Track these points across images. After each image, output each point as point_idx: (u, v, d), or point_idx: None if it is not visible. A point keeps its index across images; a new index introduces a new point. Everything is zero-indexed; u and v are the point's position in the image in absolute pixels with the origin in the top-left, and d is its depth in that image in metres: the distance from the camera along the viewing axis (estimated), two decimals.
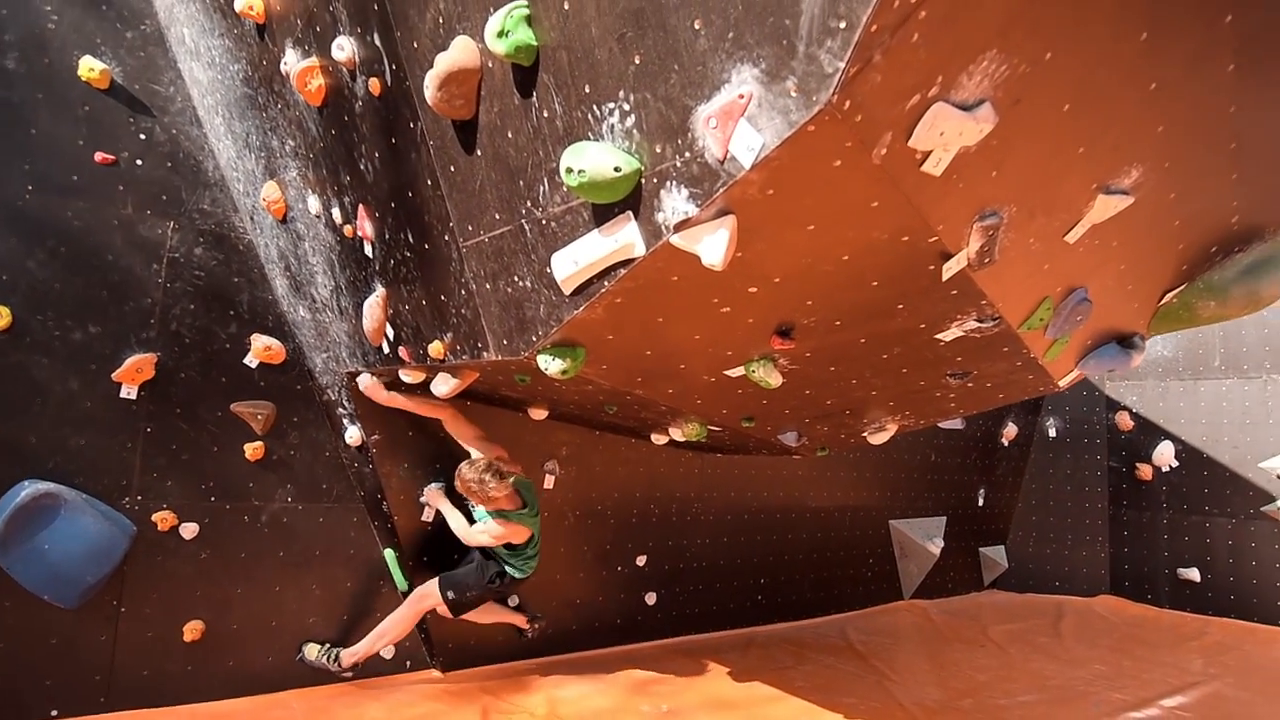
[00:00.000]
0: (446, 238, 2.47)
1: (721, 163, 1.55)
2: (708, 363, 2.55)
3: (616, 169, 1.71)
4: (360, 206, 2.89)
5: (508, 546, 3.69)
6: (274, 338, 3.71)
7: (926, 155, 1.56)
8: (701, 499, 5.05)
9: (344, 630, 3.86)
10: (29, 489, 3.11)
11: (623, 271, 1.89)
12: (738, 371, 2.59)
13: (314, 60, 2.75)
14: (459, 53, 2.05)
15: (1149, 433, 6.56)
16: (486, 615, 3.97)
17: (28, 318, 3.18)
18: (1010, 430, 6.72)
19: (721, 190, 1.57)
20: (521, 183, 2.07)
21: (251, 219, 3.66)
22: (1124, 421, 6.64)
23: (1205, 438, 6.29)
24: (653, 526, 4.85)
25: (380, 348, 3.15)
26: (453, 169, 2.32)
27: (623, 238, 1.82)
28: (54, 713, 3.16)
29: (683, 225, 1.69)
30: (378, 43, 2.41)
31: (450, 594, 3.67)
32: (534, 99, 1.94)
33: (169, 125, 3.55)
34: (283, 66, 2.92)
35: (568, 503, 4.40)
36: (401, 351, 3.02)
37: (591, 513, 4.55)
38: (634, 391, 2.79)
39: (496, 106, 2.06)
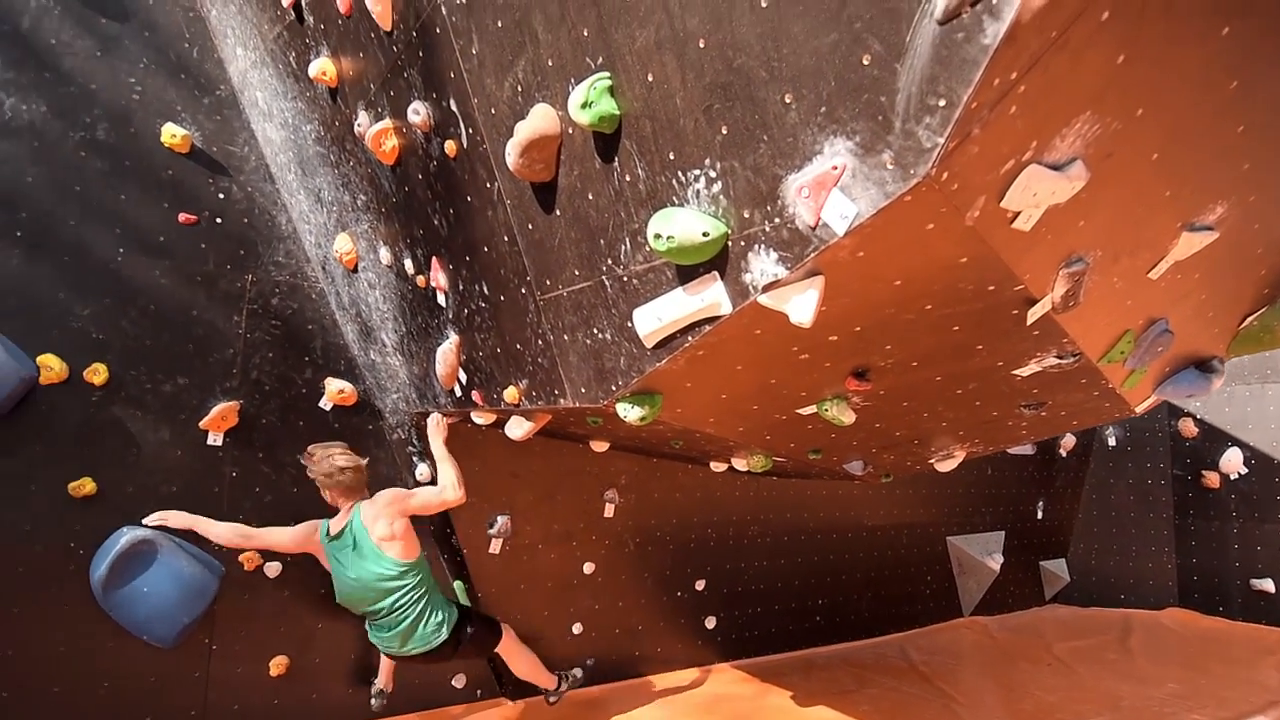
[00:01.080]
0: (523, 290, 2.55)
1: (813, 229, 1.60)
2: (781, 403, 2.59)
3: (705, 234, 1.77)
4: (433, 258, 2.99)
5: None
6: (346, 381, 3.84)
7: (1017, 214, 1.59)
8: (758, 521, 5.07)
9: (417, 663, 3.95)
10: (128, 535, 3.27)
11: (707, 328, 1.94)
12: (810, 410, 2.62)
13: (388, 123, 2.86)
14: (539, 120, 2.13)
15: (1215, 439, 6.39)
16: (523, 669, 3.74)
17: (122, 373, 3.35)
18: (1068, 441, 6.60)
19: (813, 255, 1.62)
20: (602, 241, 2.14)
21: (323, 269, 3.80)
22: (1187, 428, 6.47)
23: (1276, 443, 6.11)
24: (711, 551, 4.88)
25: (453, 390, 3.25)
26: (530, 227, 2.40)
27: (709, 297, 1.87)
28: None
29: (771, 286, 1.74)
30: (454, 108, 2.50)
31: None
32: (616, 164, 2.01)
33: (245, 183, 3.71)
34: (356, 127, 3.05)
35: (627, 530, 4.46)
36: (475, 395, 3.11)
37: (651, 539, 4.60)
38: (704, 430, 2.83)
39: (577, 170, 2.14)
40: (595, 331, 2.30)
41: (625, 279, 2.11)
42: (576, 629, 4.24)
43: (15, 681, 3.07)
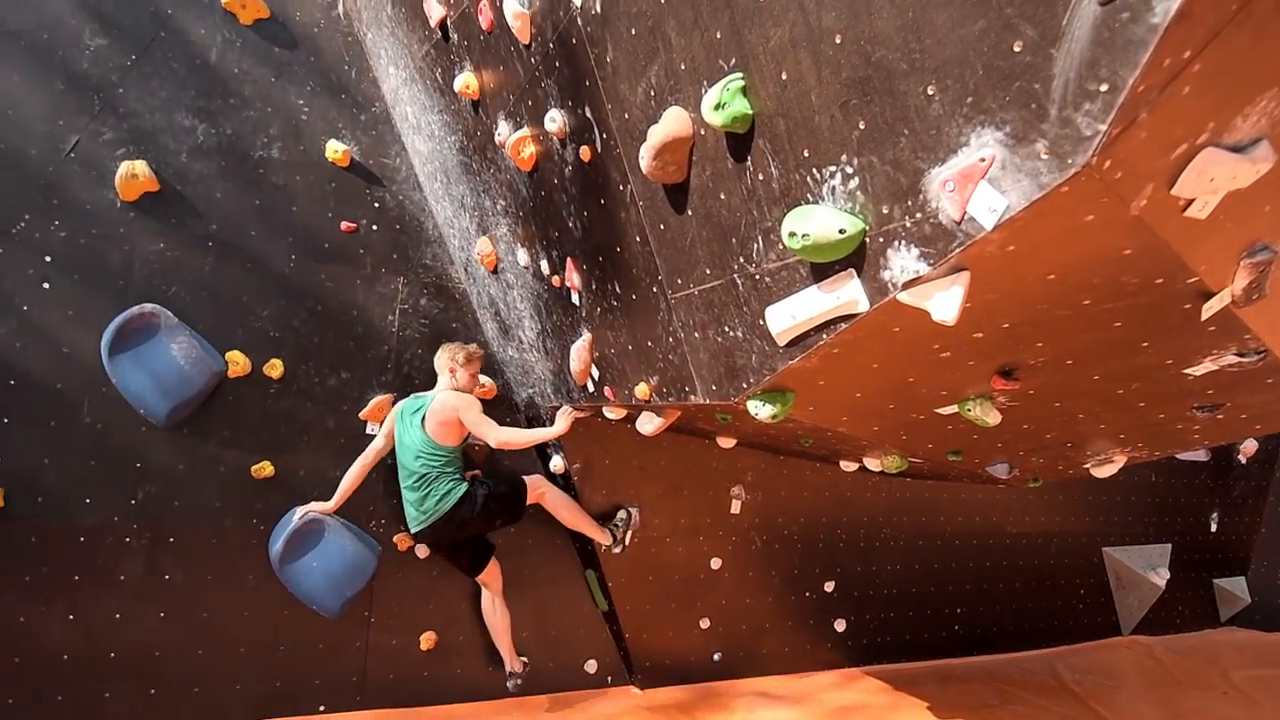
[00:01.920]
0: (655, 289, 2.61)
1: (958, 223, 1.54)
2: (919, 402, 2.50)
3: (841, 231, 1.75)
4: (568, 259, 3.12)
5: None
6: (486, 375, 4.07)
7: (1190, 201, 1.46)
8: (890, 524, 4.90)
9: (552, 644, 4.14)
10: (301, 511, 3.64)
11: (843, 326, 1.92)
12: (950, 409, 2.52)
13: (526, 131, 3.01)
14: (672, 123, 2.18)
15: None
16: (571, 522, 3.91)
17: (295, 368, 3.72)
18: (1249, 446, 5.91)
19: (958, 251, 1.56)
20: (734, 240, 2.16)
21: (466, 270, 4.05)
22: None
23: None
24: (840, 551, 4.77)
25: (585, 386, 3.37)
26: (662, 227, 2.45)
27: (845, 295, 1.84)
28: (321, 708, 3.65)
29: (912, 283, 1.69)
30: (589, 115, 2.60)
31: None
32: (748, 163, 2.02)
33: (396, 192, 4.02)
34: (496, 136, 3.22)
35: (754, 527, 4.44)
36: (606, 391, 3.21)
37: (778, 537, 4.56)
38: (837, 429, 2.78)
39: (709, 170, 2.16)
40: (726, 329, 2.32)
41: (757, 277, 2.12)
42: (704, 624, 4.29)
43: (211, 639, 3.50)
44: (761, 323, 2.15)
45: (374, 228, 3.95)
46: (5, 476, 3.20)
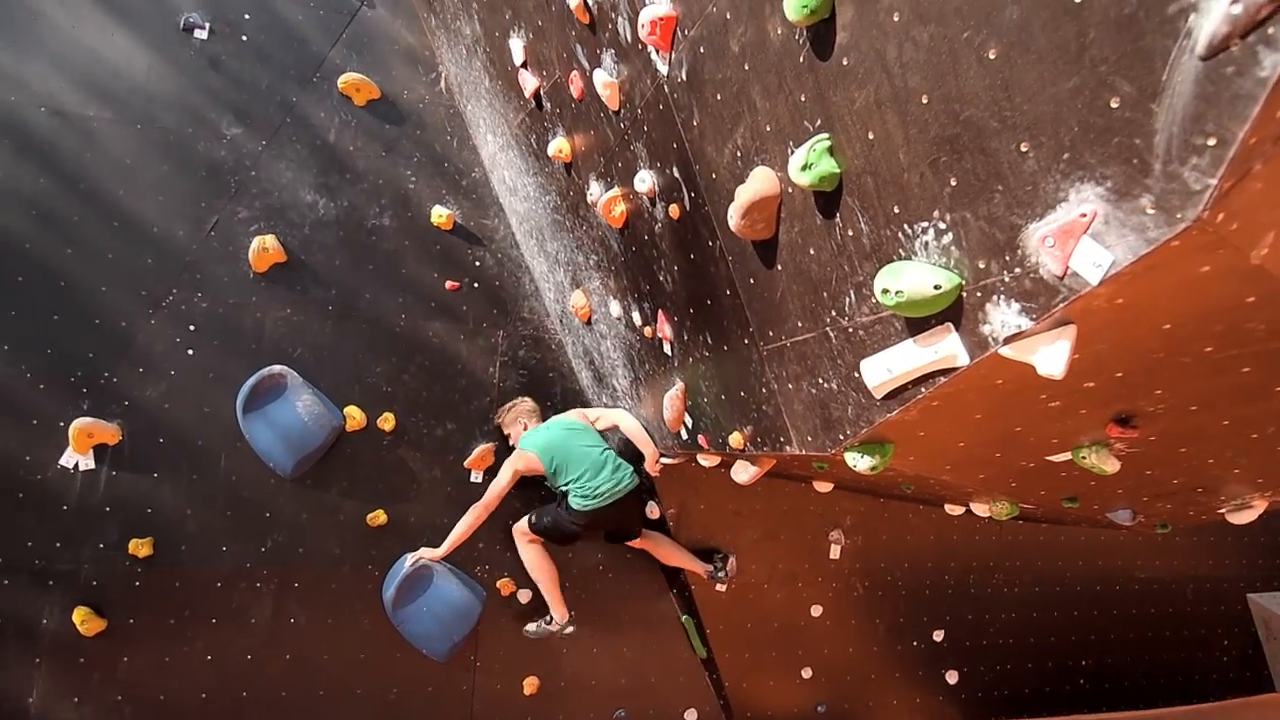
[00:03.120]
0: (746, 341, 2.65)
1: (1061, 278, 1.51)
2: (1028, 451, 2.41)
3: (937, 287, 1.73)
4: (659, 311, 3.20)
5: (562, 481, 3.72)
6: None
7: None
8: (1003, 569, 4.66)
9: (651, 691, 4.14)
10: (412, 559, 3.82)
11: (942, 379, 1.89)
12: (1063, 457, 2.41)
13: (616, 191, 3.13)
14: (759, 183, 2.23)
15: None
16: (669, 557, 3.99)
17: (405, 420, 3.94)
18: None
19: (1062, 305, 1.53)
20: (825, 294, 2.17)
21: (561, 322, 4.21)
22: None
23: None
24: (948, 599, 4.57)
25: (679, 433, 3.41)
26: (752, 281, 2.49)
27: (943, 349, 1.82)
28: None
29: (1015, 338, 1.66)
30: (677, 175, 2.69)
31: (532, 518, 3.83)
32: (838, 219, 2.04)
33: (495, 251, 4.24)
34: (588, 196, 3.37)
35: (855, 573, 4.33)
36: (700, 439, 3.24)
37: (880, 583, 4.42)
38: (940, 478, 2.71)
39: (797, 227, 2.20)
40: (820, 381, 2.32)
41: (850, 330, 2.12)
42: (806, 673, 4.19)
43: (331, 681, 3.70)
44: (857, 375, 2.14)
45: (475, 285, 4.17)
46: (154, 526, 3.54)
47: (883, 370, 2.02)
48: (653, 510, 4.11)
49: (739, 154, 2.33)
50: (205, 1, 3.89)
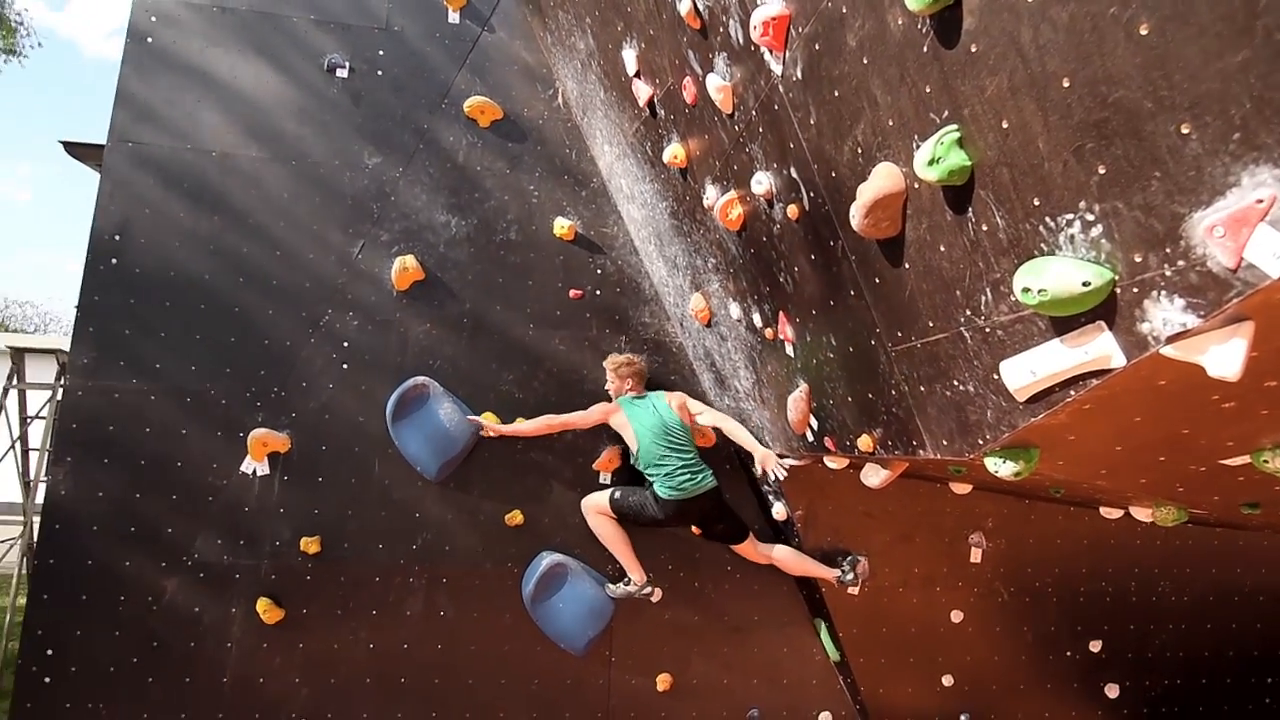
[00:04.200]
0: (873, 342, 2.57)
1: (1234, 271, 1.37)
2: (1198, 454, 2.19)
3: (1086, 284, 1.62)
4: (780, 312, 3.16)
5: (645, 465, 3.79)
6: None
7: None
8: (1170, 576, 4.25)
9: (784, 692, 4.11)
10: (548, 558, 3.98)
11: (1094, 381, 1.76)
12: (1240, 461, 2.17)
13: (733, 194, 3.13)
14: (882, 180, 2.16)
15: None
16: (795, 569, 3.97)
17: None
18: None
19: (1235, 300, 1.38)
20: (958, 293, 2.07)
21: (681, 325, 4.24)
22: None
23: None
24: (1106, 607, 4.23)
25: (804, 436, 3.36)
26: (878, 281, 2.42)
27: (1095, 349, 1.69)
28: None
29: (1179, 337, 1.52)
30: (794, 176, 2.65)
31: (615, 494, 3.86)
32: (970, 214, 1.94)
33: (615, 258, 4.33)
34: (704, 200, 3.38)
35: (999, 578, 4.09)
36: (827, 441, 3.18)
37: (1028, 590, 4.15)
38: (1094, 483, 2.51)
39: (925, 224, 2.11)
40: (955, 383, 2.22)
41: (987, 330, 2.01)
42: (947, 680, 4.01)
43: (478, 670, 3.93)
44: (996, 377, 2.03)
45: (597, 292, 4.29)
46: (321, 526, 3.89)
47: (1025, 372, 1.91)
48: (779, 512, 4.06)
49: (860, 151, 2.26)
50: (345, 42, 4.23)
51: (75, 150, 5.66)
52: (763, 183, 2.86)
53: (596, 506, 3.92)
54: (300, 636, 3.81)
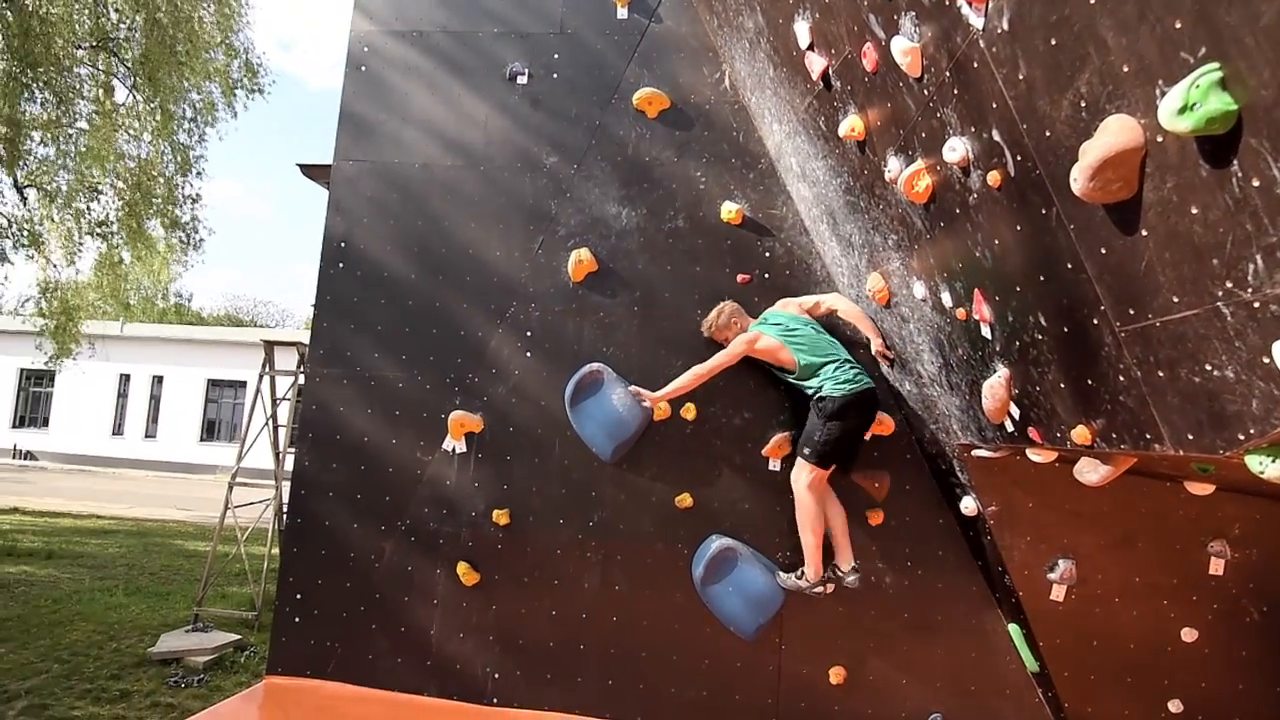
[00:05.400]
0: (1095, 321, 2.27)
1: None
2: None
3: None
4: (975, 290, 2.90)
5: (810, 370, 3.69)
6: (883, 412, 3.98)
7: None
8: None
9: (971, 700, 3.83)
10: (718, 542, 3.97)
11: None
12: None
13: (920, 164, 2.90)
14: (1114, 135, 1.89)
15: None
16: (831, 521, 3.79)
17: (705, 410, 4.11)
18: None
19: None
20: (1216, 262, 1.77)
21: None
22: None
23: None
24: None
25: (1002, 425, 3.07)
26: (1104, 251, 2.13)
27: None
28: None
29: None
30: (997, 138, 2.40)
31: (806, 451, 3.64)
32: (1235, 168, 1.64)
33: (784, 240, 4.20)
34: (886, 174, 3.16)
35: (1246, 594, 3.53)
36: (1031, 432, 2.88)
37: None
38: None
39: (1171, 182, 1.82)
40: (1208, 367, 1.90)
41: (1256, 305, 1.70)
42: (1174, 706, 3.55)
43: (649, 645, 4.02)
44: (1266, 361, 1.71)
45: (766, 276, 4.18)
46: (510, 500, 4.17)
47: None
48: (969, 507, 3.76)
49: (1083, 105, 2.00)
50: (524, 50, 4.44)
51: (308, 171, 6.43)
52: (957, 149, 2.62)
53: (806, 475, 3.68)
54: (493, 599, 4.15)
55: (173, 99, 12.23)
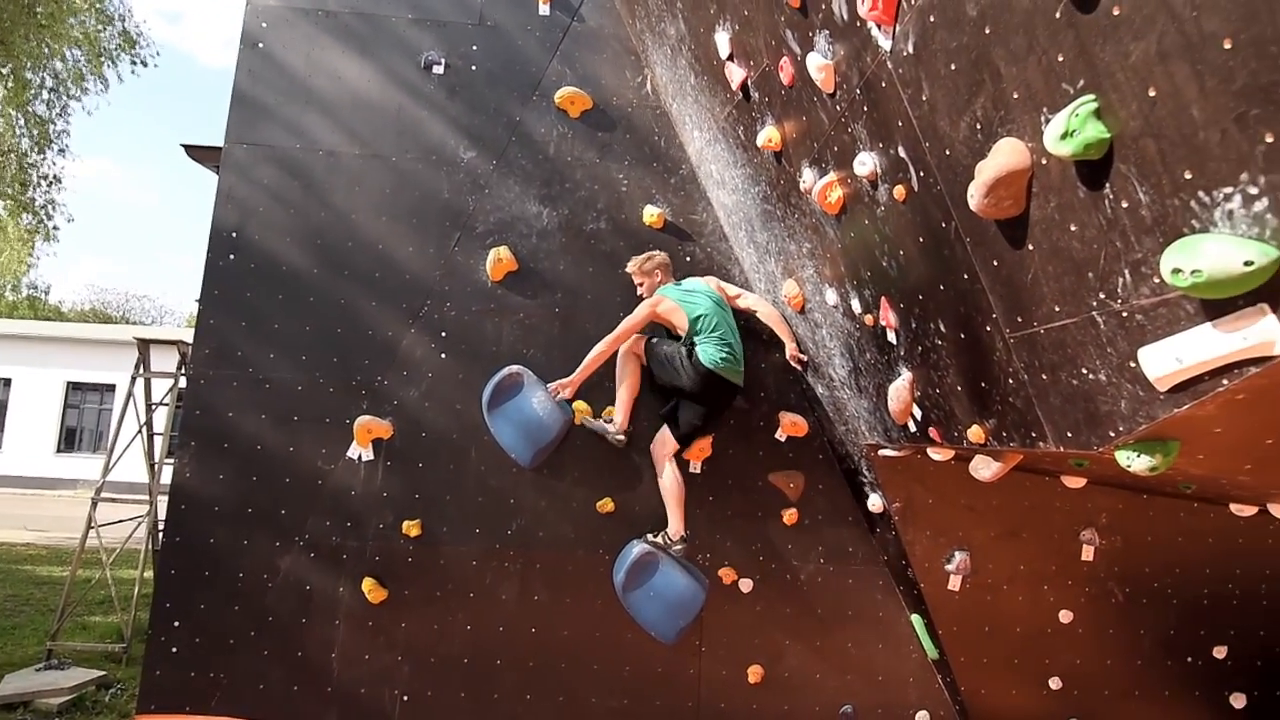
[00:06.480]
0: (988, 328, 2.45)
1: None
2: None
3: (1248, 263, 1.48)
4: (882, 298, 3.06)
5: (698, 331, 3.81)
6: (797, 414, 4.13)
7: None
8: None
9: (879, 689, 4.01)
10: (639, 547, 4.00)
11: (1252, 370, 1.62)
12: None
13: (833, 176, 3.04)
14: (1005, 156, 2.04)
15: None
16: (670, 493, 3.94)
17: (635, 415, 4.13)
18: None
19: None
20: (1091, 275, 1.95)
21: None
22: None
23: None
24: (1233, 610, 3.95)
25: (906, 426, 3.25)
26: (996, 263, 2.30)
27: (1255, 335, 1.56)
28: None
29: None
30: (902, 155, 2.54)
31: (675, 429, 3.91)
32: (1107, 190, 1.81)
33: (704, 245, 4.30)
34: (801, 184, 3.30)
35: (1112, 577, 3.87)
36: (931, 432, 3.07)
37: (1145, 590, 3.92)
38: (1236, 478, 2.33)
39: (1054, 202, 1.99)
40: (1084, 371, 2.09)
41: (1124, 315, 1.88)
42: (1054, 684, 3.84)
43: (569, 654, 4.00)
44: (1133, 365, 1.90)
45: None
46: (422, 509, 4.02)
47: (1169, 360, 1.78)
48: (875, 504, 3.96)
49: (978, 127, 2.15)
50: (441, 39, 4.33)
51: (195, 153, 6.00)
52: (866, 164, 2.76)
53: (662, 447, 3.96)
54: (402, 616, 3.95)
55: (30, 65, 10.78)
